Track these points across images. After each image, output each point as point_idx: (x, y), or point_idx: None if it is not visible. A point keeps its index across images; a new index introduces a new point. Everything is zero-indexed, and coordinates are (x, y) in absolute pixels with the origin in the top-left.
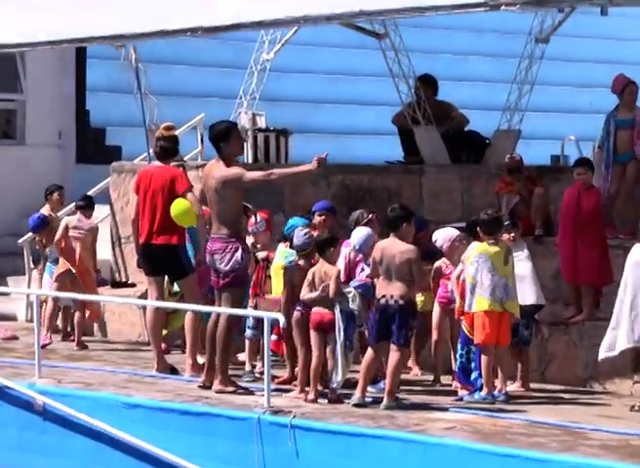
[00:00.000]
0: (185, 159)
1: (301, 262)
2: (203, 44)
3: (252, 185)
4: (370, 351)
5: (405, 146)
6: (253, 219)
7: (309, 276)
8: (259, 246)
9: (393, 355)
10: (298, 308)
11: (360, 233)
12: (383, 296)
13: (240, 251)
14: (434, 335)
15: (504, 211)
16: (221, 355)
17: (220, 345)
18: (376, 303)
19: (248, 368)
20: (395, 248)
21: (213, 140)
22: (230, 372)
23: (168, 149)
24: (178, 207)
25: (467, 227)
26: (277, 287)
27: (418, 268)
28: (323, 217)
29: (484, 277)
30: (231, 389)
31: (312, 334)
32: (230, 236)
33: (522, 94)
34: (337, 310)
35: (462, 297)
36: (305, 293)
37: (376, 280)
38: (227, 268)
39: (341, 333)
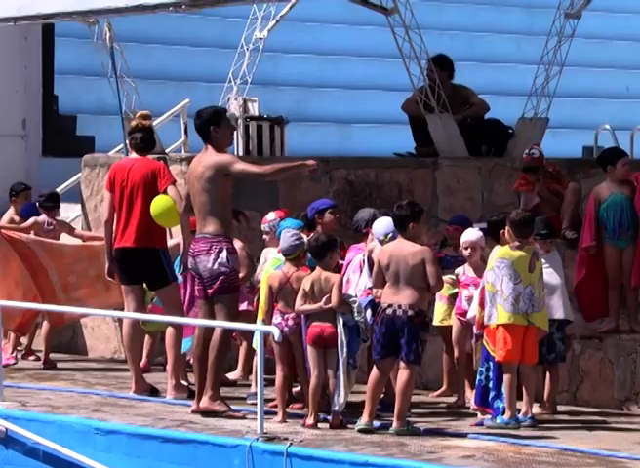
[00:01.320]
0: (167, 151)
1: (285, 268)
2: (187, 21)
3: (242, 175)
4: (375, 369)
5: (416, 136)
6: (269, 216)
7: (305, 285)
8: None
9: (402, 373)
10: (277, 320)
11: (385, 221)
12: (390, 306)
13: (225, 251)
14: (455, 352)
15: (522, 206)
16: (214, 367)
17: (213, 357)
18: (381, 314)
19: (254, 389)
20: (405, 249)
21: (202, 126)
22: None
23: (146, 140)
24: (159, 204)
25: (489, 228)
26: (264, 297)
27: (434, 270)
28: (337, 215)
29: (505, 285)
30: (221, 409)
31: (310, 350)
32: (216, 234)
33: (550, 76)
34: (339, 323)
35: (483, 307)
36: (301, 305)
37: (379, 290)
38: (212, 273)
39: (344, 349)
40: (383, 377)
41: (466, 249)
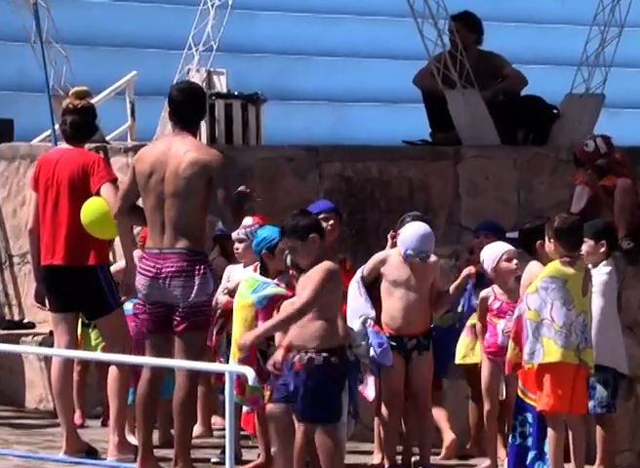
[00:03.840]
0: (108, 139)
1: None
2: None
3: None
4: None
5: (433, 119)
6: (245, 221)
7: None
8: (242, 262)
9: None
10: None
11: (415, 229)
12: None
13: (209, 275)
14: (485, 403)
15: (573, 205)
16: (182, 430)
17: (179, 416)
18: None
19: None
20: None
21: (193, 106)
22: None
23: (80, 126)
24: (90, 209)
25: (521, 238)
26: (239, 332)
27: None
28: (331, 222)
29: (556, 312)
30: None
31: None
32: (195, 251)
33: (605, 41)
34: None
35: (518, 342)
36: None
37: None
38: (191, 302)
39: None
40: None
41: (512, 261)
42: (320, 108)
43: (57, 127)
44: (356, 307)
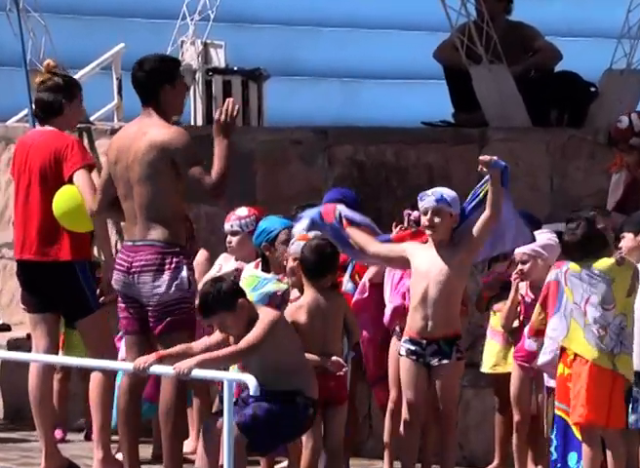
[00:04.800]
0: (93, 119)
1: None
2: None
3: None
4: None
5: (455, 97)
6: (239, 212)
7: (297, 316)
8: (237, 260)
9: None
10: None
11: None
12: None
13: (185, 269)
14: (515, 413)
15: (609, 197)
16: (170, 443)
17: (165, 427)
18: None
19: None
20: None
21: (146, 82)
22: None
23: (52, 105)
24: (61, 199)
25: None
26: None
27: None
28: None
29: (590, 307)
30: None
31: None
32: (168, 243)
33: None
34: (350, 365)
35: (545, 307)
36: None
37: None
38: (164, 300)
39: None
40: None
41: (524, 263)
42: (329, 85)
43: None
44: None
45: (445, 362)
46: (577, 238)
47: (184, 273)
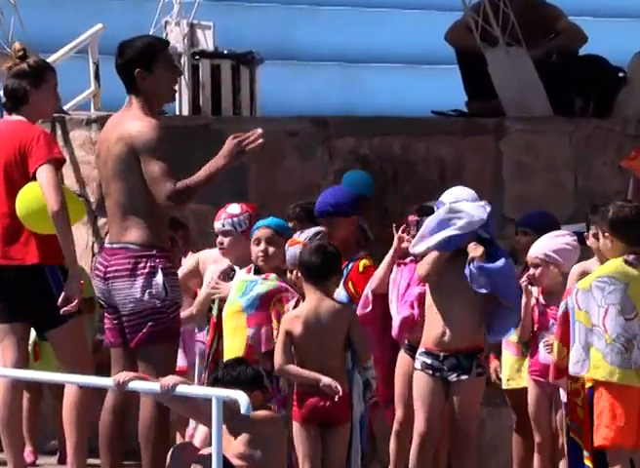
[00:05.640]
0: (67, 109)
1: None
2: None
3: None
4: None
5: (469, 84)
6: (231, 209)
7: (292, 327)
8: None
9: None
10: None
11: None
12: None
13: (160, 273)
14: (535, 434)
15: (630, 195)
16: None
17: (145, 449)
18: None
19: None
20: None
21: (124, 67)
22: None
23: (16, 92)
24: (24, 198)
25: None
26: (233, 344)
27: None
28: (324, 229)
29: (609, 321)
30: None
31: (299, 432)
32: (144, 245)
33: None
34: (357, 383)
35: (566, 342)
36: (285, 362)
37: None
38: (137, 308)
39: (357, 429)
40: None
41: (535, 267)
42: (329, 70)
43: (0, 93)
44: None
45: (464, 377)
46: (629, 214)
47: (159, 279)
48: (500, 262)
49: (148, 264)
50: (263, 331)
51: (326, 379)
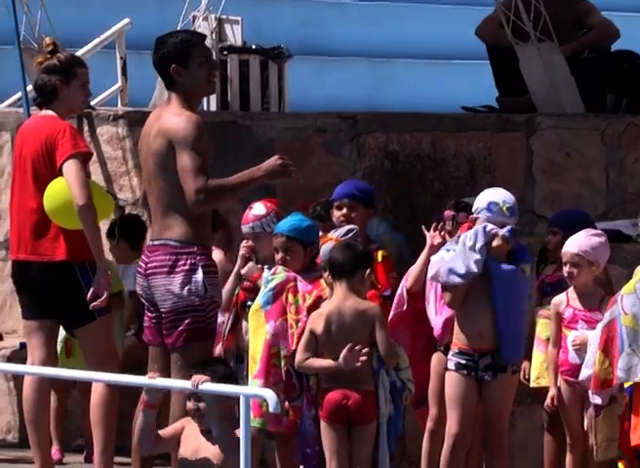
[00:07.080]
0: (94, 104)
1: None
2: None
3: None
4: None
5: (500, 80)
6: (257, 211)
7: (315, 325)
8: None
9: None
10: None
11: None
12: None
13: (200, 271)
14: (568, 435)
15: None
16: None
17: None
18: None
19: None
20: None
21: (159, 63)
22: None
23: (45, 87)
24: (52, 193)
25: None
26: (256, 342)
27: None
28: (344, 211)
29: None
30: None
31: (325, 431)
32: (184, 242)
33: None
34: (382, 386)
35: (608, 353)
36: (306, 357)
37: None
38: (176, 305)
39: (384, 430)
40: None
41: (567, 265)
42: (358, 66)
43: (29, 88)
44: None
45: (500, 375)
46: None
47: (199, 276)
48: (509, 267)
49: (189, 261)
50: (279, 324)
51: (343, 353)
